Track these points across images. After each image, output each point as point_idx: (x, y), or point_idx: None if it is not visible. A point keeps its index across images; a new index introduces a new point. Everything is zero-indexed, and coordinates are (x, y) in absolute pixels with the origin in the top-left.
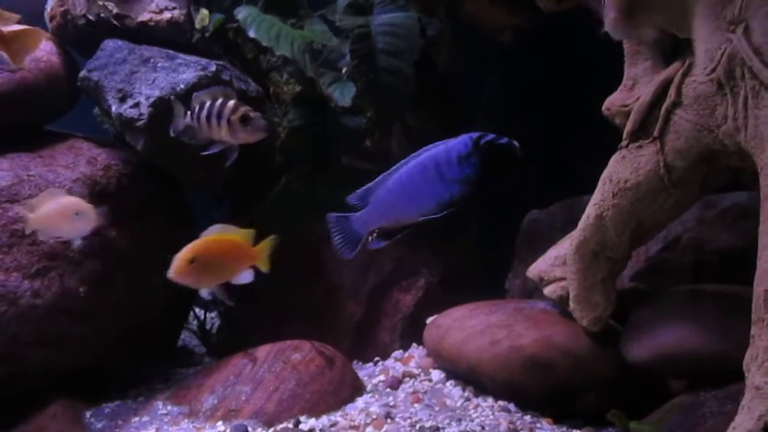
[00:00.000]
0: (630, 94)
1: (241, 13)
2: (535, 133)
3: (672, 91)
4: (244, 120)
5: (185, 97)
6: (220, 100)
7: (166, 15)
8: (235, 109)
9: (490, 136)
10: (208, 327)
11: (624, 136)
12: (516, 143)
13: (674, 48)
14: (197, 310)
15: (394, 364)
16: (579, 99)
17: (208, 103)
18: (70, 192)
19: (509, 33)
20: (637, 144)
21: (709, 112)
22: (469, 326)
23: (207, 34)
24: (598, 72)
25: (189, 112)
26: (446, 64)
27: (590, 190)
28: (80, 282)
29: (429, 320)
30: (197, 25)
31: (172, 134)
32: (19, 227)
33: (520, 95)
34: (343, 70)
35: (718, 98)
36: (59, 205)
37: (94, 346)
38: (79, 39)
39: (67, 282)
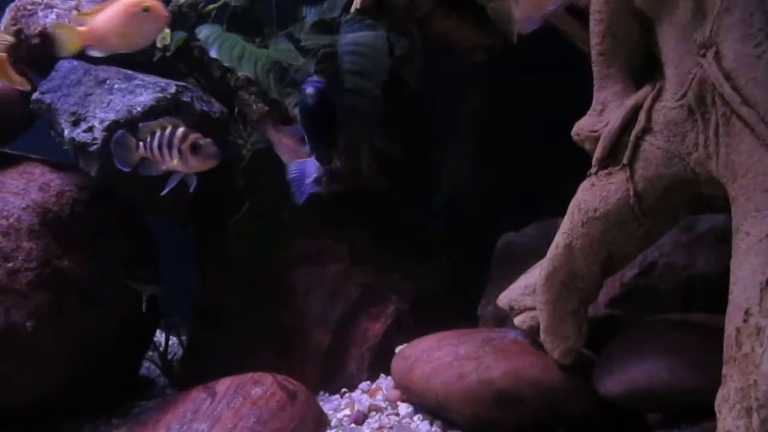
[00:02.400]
0: (599, 119)
1: (203, 31)
2: (516, 151)
3: (642, 117)
4: (195, 148)
5: (141, 119)
6: (168, 129)
7: None
8: (184, 138)
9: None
10: (170, 355)
11: (593, 162)
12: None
13: (645, 71)
14: (158, 333)
15: (360, 396)
16: (561, 116)
17: (158, 133)
18: (18, 221)
19: (481, 53)
20: (606, 171)
21: (679, 139)
22: (437, 358)
23: (168, 54)
24: (579, 89)
25: (141, 143)
26: (418, 82)
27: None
28: (27, 316)
29: (398, 349)
30: (159, 44)
31: (124, 169)
32: None
33: (499, 113)
34: None
35: (688, 125)
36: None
37: (44, 385)
38: (33, 58)
39: (13, 315)
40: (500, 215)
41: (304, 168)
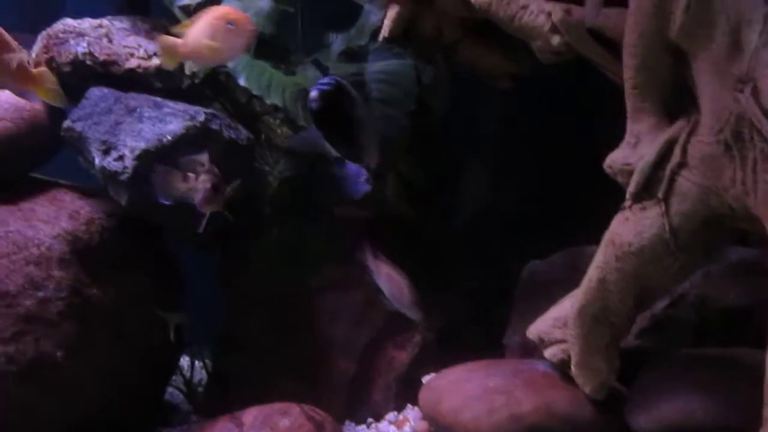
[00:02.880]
0: (632, 152)
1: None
2: (536, 177)
3: (677, 152)
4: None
5: (171, 148)
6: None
7: (155, 61)
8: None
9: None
10: (195, 380)
11: (627, 196)
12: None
13: (679, 104)
14: (184, 359)
15: (388, 428)
16: (583, 144)
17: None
18: (49, 249)
19: (507, 80)
20: (640, 205)
21: (716, 175)
22: (466, 390)
23: (197, 81)
24: (602, 117)
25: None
26: (444, 110)
27: (593, 239)
28: (57, 346)
29: (425, 379)
30: (187, 71)
31: (166, 202)
32: None
33: (520, 138)
34: None
35: (725, 160)
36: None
37: (71, 414)
38: (64, 86)
39: (42, 346)
40: (524, 241)
41: (354, 169)
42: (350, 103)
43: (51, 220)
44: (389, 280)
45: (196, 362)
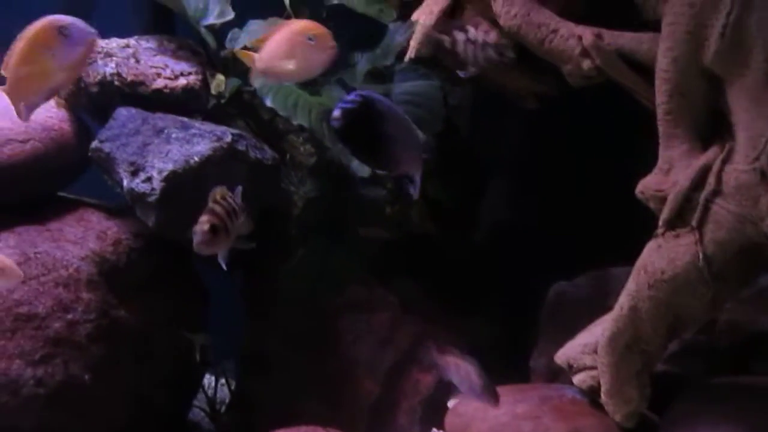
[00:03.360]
0: (665, 179)
1: (258, 80)
2: (561, 198)
3: (711, 179)
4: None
5: (199, 169)
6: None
7: (182, 81)
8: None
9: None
10: (218, 398)
11: (660, 223)
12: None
13: (713, 130)
14: (207, 377)
15: None
16: (607, 165)
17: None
18: (77, 271)
19: (533, 100)
20: (673, 233)
21: (751, 204)
22: (494, 417)
23: (223, 101)
24: (626, 138)
25: None
26: (468, 130)
27: (619, 260)
28: (85, 368)
29: (450, 403)
30: (213, 91)
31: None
32: (24, 310)
33: (545, 158)
34: None
35: (761, 189)
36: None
37: None
38: (92, 106)
39: (71, 369)
40: (549, 262)
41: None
42: (378, 118)
43: (79, 240)
44: (458, 370)
45: (220, 381)
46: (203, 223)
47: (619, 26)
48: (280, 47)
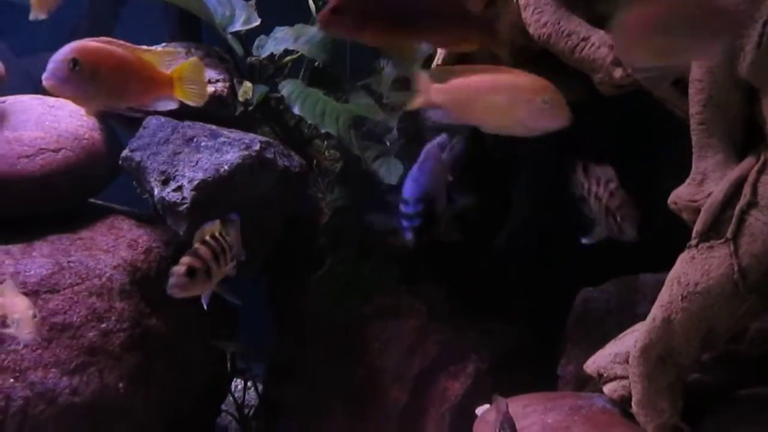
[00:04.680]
0: (699, 190)
1: (285, 88)
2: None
3: (747, 190)
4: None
5: (229, 178)
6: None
7: (210, 89)
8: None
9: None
10: (246, 404)
11: (693, 235)
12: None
13: (748, 142)
14: (235, 382)
15: None
16: (634, 172)
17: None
18: (110, 280)
19: None
20: (708, 244)
21: None
22: (524, 427)
23: (251, 108)
24: (657, 145)
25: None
26: (492, 137)
27: (646, 267)
28: (120, 377)
29: (478, 411)
30: (240, 98)
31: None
32: (59, 320)
33: (570, 166)
34: (388, 144)
35: None
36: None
37: None
38: (121, 115)
39: (106, 378)
40: (576, 268)
41: None
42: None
43: (111, 249)
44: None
45: (248, 386)
46: (182, 264)
47: None
48: (490, 95)
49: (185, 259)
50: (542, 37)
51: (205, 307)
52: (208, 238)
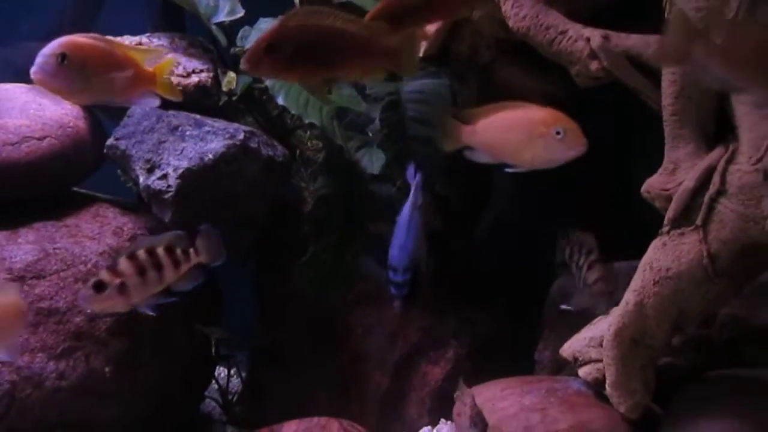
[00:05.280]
0: (671, 179)
1: (269, 79)
2: (565, 195)
3: (716, 179)
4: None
5: (213, 166)
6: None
7: (194, 79)
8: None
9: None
10: (229, 391)
11: (665, 222)
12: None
13: (717, 132)
14: (219, 369)
15: None
16: (610, 162)
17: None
18: (95, 266)
19: (540, 100)
20: (679, 231)
21: (755, 203)
22: (501, 408)
23: (234, 98)
24: (632, 137)
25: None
26: None
27: (620, 255)
28: (105, 362)
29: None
30: (224, 88)
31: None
32: (45, 305)
33: None
34: (370, 135)
35: (764, 189)
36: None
37: (119, 426)
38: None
39: (92, 362)
40: (553, 257)
41: None
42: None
43: (96, 236)
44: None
45: (232, 373)
46: (92, 277)
47: (623, 29)
48: (510, 133)
49: (103, 272)
50: (521, 30)
51: (151, 313)
52: (142, 252)
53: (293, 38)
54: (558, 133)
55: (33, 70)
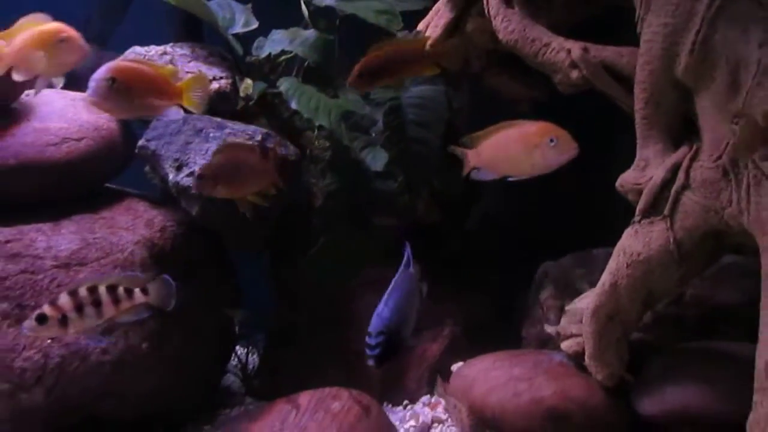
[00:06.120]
0: (642, 174)
1: (283, 85)
2: (550, 189)
3: (681, 175)
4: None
5: None
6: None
7: (215, 85)
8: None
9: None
10: (248, 366)
11: (636, 212)
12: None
13: (683, 132)
14: (239, 350)
15: (422, 409)
16: (590, 160)
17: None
18: (132, 254)
19: (526, 105)
20: (648, 220)
21: (715, 196)
22: (493, 378)
23: (251, 103)
24: (609, 138)
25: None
26: (467, 129)
27: (597, 243)
28: (143, 339)
29: (454, 368)
30: (241, 93)
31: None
32: None
33: None
34: (374, 135)
35: (723, 183)
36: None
37: (153, 395)
38: None
39: (131, 339)
40: (539, 245)
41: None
42: (399, 341)
43: (130, 227)
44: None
45: (250, 351)
46: (38, 310)
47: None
48: (509, 149)
49: (45, 306)
50: (510, 42)
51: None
52: (83, 289)
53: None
54: (551, 140)
55: (87, 93)
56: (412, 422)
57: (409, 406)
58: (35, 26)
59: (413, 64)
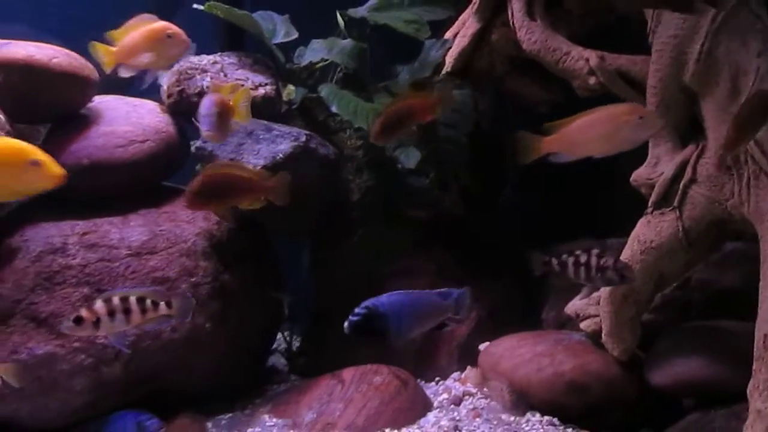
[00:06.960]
0: (653, 170)
1: (324, 90)
2: (567, 184)
3: (689, 170)
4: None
5: (283, 163)
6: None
7: (261, 91)
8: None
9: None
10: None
11: (649, 204)
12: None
13: (690, 132)
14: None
15: (453, 384)
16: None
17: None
18: (194, 244)
19: (545, 106)
20: (660, 211)
21: (719, 189)
22: (519, 355)
23: (294, 107)
24: None
25: None
26: (490, 128)
27: (611, 234)
28: (206, 319)
29: (482, 347)
30: (285, 98)
31: None
32: (159, 275)
33: None
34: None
35: (726, 177)
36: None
37: (215, 371)
38: (191, 111)
39: (197, 320)
40: (560, 235)
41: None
42: (382, 323)
43: (191, 220)
44: None
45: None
46: (75, 310)
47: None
48: (599, 129)
49: (83, 309)
50: (533, 52)
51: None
52: (116, 298)
53: None
54: (641, 118)
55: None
56: (445, 395)
57: (441, 382)
58: (144, 25)
59: (423, 114)
